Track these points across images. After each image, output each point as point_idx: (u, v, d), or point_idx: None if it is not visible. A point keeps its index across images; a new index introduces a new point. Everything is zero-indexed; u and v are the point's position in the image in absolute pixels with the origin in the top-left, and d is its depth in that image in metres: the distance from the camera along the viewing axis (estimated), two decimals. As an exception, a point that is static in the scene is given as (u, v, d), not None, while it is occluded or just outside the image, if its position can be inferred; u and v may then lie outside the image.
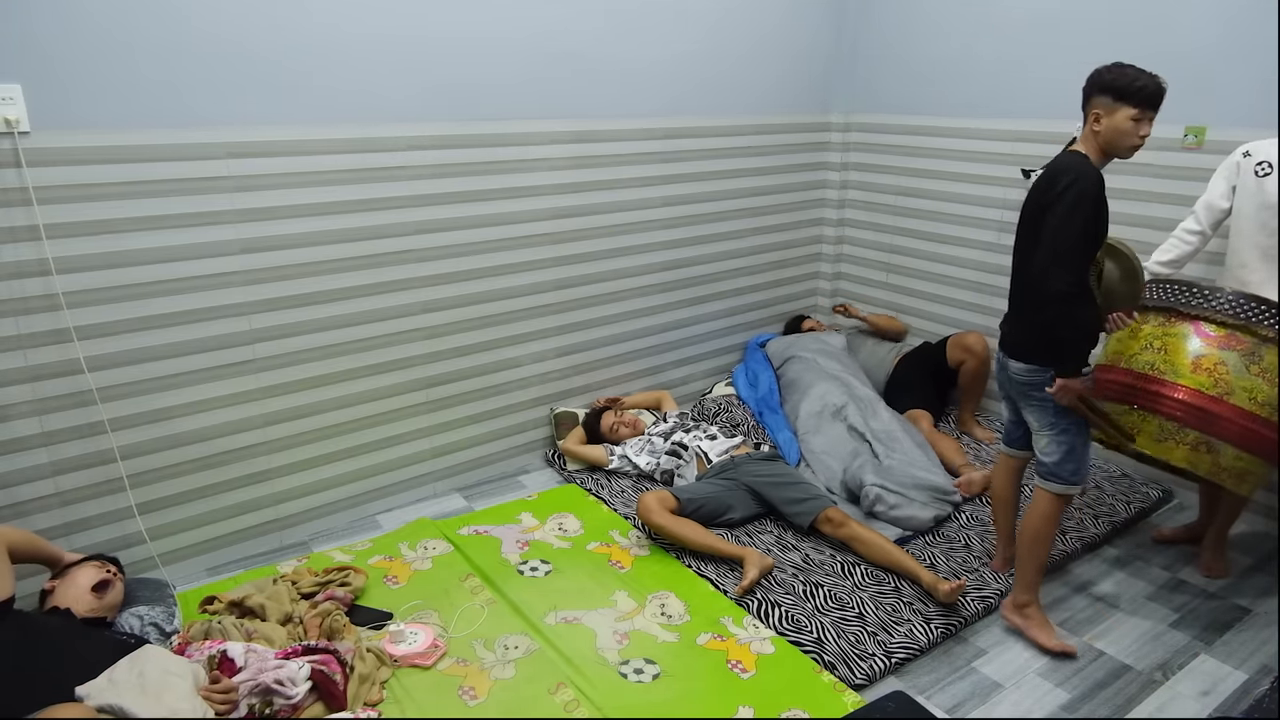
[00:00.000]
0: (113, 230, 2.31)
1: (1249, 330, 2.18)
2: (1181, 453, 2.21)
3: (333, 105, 2.58)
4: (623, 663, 2.20)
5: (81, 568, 2.17)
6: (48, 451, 2.34)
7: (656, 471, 3.12)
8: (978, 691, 2.18)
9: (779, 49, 3.67)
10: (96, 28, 2.17)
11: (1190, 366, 2.20)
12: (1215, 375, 2.17)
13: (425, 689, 2.10)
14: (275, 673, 1.89)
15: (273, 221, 2.55)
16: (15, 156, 2.13)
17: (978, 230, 3.60)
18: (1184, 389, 2.19)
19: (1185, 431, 2.19)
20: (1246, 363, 2.16)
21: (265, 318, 2.60)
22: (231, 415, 2.61)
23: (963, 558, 2.66)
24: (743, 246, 3.84)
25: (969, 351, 3.44)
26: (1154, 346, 2.28)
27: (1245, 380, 2.15)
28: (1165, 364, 2.23)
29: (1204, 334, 2.22)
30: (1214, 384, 2.17)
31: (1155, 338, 2.29)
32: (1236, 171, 2.43)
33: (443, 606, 2.41)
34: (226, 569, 2.67)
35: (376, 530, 2.90)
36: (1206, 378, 2.18)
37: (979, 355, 3.42)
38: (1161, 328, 2.30)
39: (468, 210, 2.93)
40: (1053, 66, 3.22)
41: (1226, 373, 2.16)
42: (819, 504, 2.73)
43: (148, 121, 2.29)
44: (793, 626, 2.34)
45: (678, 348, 3.77)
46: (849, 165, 4.05)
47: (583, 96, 3.12)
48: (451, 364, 3.05)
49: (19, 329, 2.23)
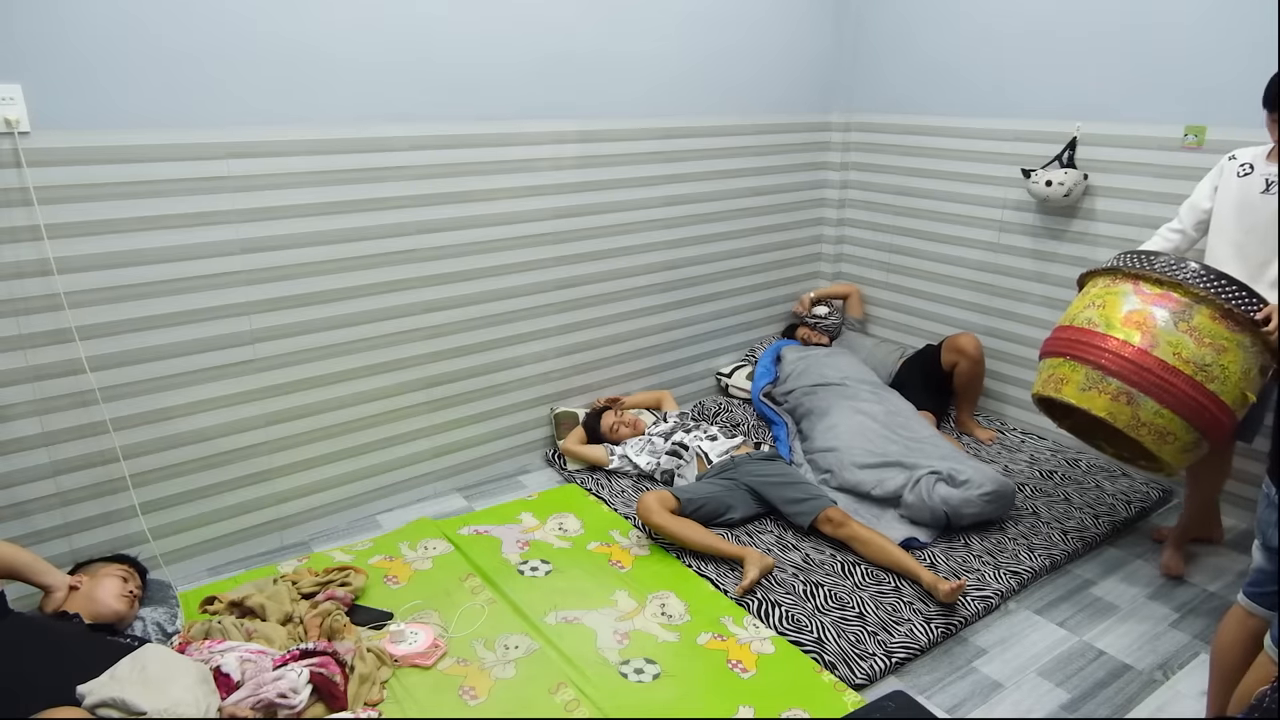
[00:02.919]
0: (113, 230, 2.31)
1: (1183, 289, 2.21)
2: (1103, 402, 2.26)
3: (333, 105, 2.58)
4: (623, 662, 2.21)
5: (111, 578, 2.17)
6: (48, 451, 2.34)
7: (657, 471, 3.12)
8: (978, 691, 2.19)
9: (779, 49, 3.67)
10: (97, 28, 2.17)
11: (1122, 320, 2.27)
12: (1144, 328, 2.23)
13: (426, 689, 2.10)
14: (276, 685, 1.89)
15: (273, 221, 2.55)
16: (15, 156, 2.13)
17: (978, 230, 3.60)
18: (1112, 339, 2.26)
19: (1108, 381, 2.25)
20: (1175, 319, 2.20)
21: (266, 318, 2.60)
22: (232, 415, 2.62)
23: (963, 557, 2.66)
24: (743, 246, 3.84)
25: (961, 353, 3.44)
26: (1095, 304, 2.36)
27: (1171, 335, 2.19)
28: (1101, 318, 2.32)
29: (1141, 292, 2.28)
30: (1141, 336, 2.23)
31: (1098, 296, 2.37)
32: (1220, 173, 2.46)
33: (443, 606, 2.41)
34: (227, 569, 2.68)
35: (377, 530, 2.91)
36: (1135, 330, 2.24)
37: (972, 357, 3.42)
38: (1105, 288, 2.37)
39: (468, 210, 2.93)
40: (1052, 66, 3.22)
41: (1154, 325, 2.22)
42: (819, 504, 2.74)
43: (148, 121, 2.30)
44: (793, 626, 2.34)
45: (678, 348, 3.77)
46: (849, 165, 4.06)
47: (583, 96, 3.12)
48: (452, 364, 3.05)
49: (20, 329, 2.23)
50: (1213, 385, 2.18)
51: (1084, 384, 2.30)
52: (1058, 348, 2.41)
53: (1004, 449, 3.42)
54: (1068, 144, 3.17)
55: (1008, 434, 3.54)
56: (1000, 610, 2.49)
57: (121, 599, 2.15)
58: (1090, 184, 3.16)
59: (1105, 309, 2.32)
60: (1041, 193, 3.17)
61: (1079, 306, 2.42)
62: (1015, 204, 3.45)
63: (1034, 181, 3.19)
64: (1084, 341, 2.32)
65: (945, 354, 3.52)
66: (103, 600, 2.11)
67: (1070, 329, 2.40)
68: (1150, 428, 2.23)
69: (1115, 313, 2.29)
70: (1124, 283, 2.34)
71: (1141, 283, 2.30)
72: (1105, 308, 2.32)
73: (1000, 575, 2.57)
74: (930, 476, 2.79)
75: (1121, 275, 2.36)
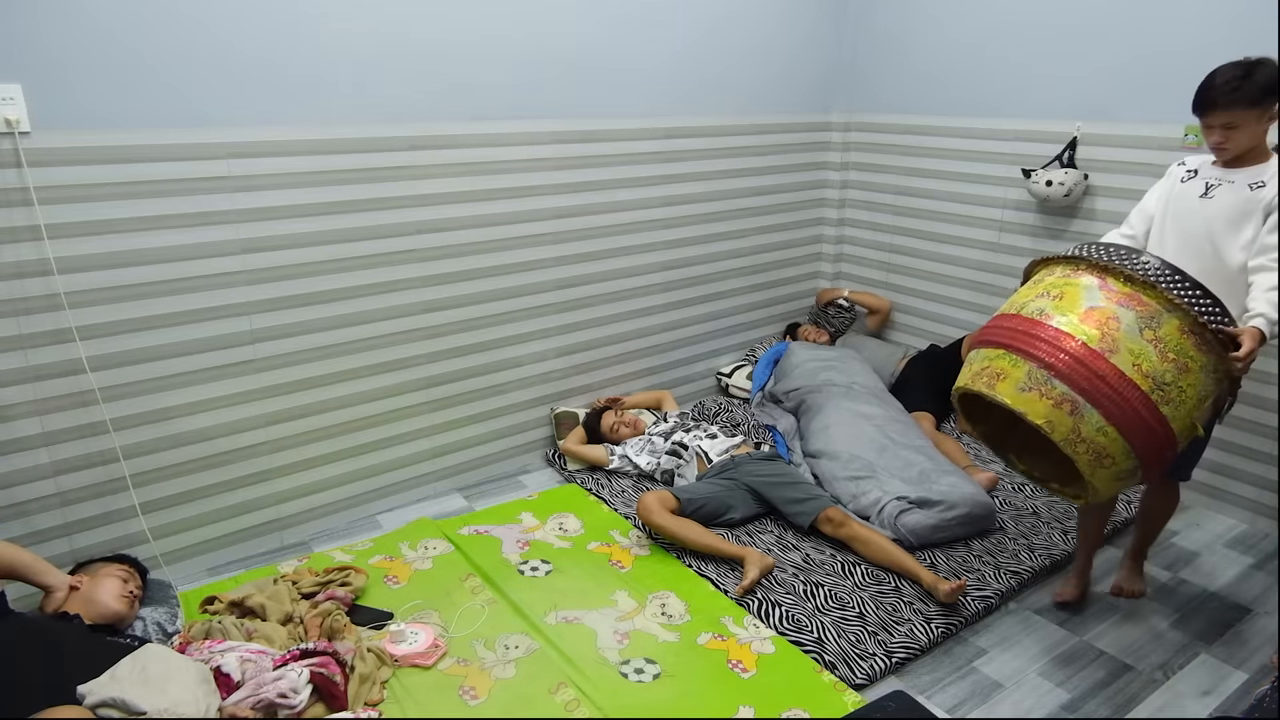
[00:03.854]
0: (114, 230, 2.31)
1: (1155, 292, 1.90)
2: (1043, 407, 1.91)
3: (333, 105, 2.58)
4: (623, 662, 2.21)
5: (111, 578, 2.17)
6: (49, 451, 2.34)
7: (657, 471, 3.12)
8: (978, 691, 2.19)
9: (779, 49, 3.67)
10: (97, 28, 2.17)
11: (1082, 315, 1.93)
12: (1105, 329, 1.89)
13: (426, 689, 2.10)
14: (276, 685, 1.89)
15: (273, 221, 2.55)
16: (15, 156, 2.13)
17: (978, 230, 3.60)
18: (1066, 335, 1.91)
19: (1053, 384, 1.90)
20: (1141, 325, 1.89)
21: (266, 318, 2.60)
22: (232, 415, 2.62)
23: (963, 557, 2.66)
24: (743, 246, 3.84)
25: None
26: (1051, 294, 2.01)
27: (1135, 343, 1.87)
28: (1055, 309, 1.96)
29: (1108, 288, 1.95)
30: (1100, 337, 1.89)
31: (1054, 286, 2.03)
32: (1169, 177, 2.33)
33: (443, 606, 2.41)
34: (227, 569, 2.68)
35: (377, 530, 2.91)
36: (1095, 329, 1.90)
37: None
38: (1064, 277, 2.04)
39: (468, 210, 2.93)
40: (1053, 66, 3.22)
41: (1117, 329, 1.89)
42: (819, 504, 2.74)
43: (148, 121, 2.29)
44: (793, 626, 2.34)
45: (678, 348, 3.77)
46: (849, 165, 4.06)
47: (583, 96, 3.12)
48: (452, 364, 3.05)
49: (20, 329, 2.23)
50: (1166, 408, 1.88)
51: (1024, 383, 1.94)
52: (997, 337, 2.04)
53: (1004, 449, 3.42)
54: (1068, 144, 3.17)
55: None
56: (1000, 610, 2.49)
57: (121, 599, 2.15)
58: (1090, 184, 3.16)
59: (1062, 300, 1.97)
60: (1041, 193, 3.17)
61: (1028, 294, 2.07)
62: (1015, 204, 3.45)
63: (1034, 181, 3.19)
64: (1031, 334, 1.96)
65: (967, 348, 3.52)
66: (103, 600, 2.11)
67: (1015, 318, 2.03)
68: (1089, 445, 1.90)
69: (1074, 306, 1.94)
70: (1088, 274, 2.00)
71: (1109, 277, 1.96)
72: (1062, 299, 1.97)
73: (1000, 575, 2.57)
74: (895, 504, 2.72)
75: (1086, 266, 2.01)
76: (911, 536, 2.66)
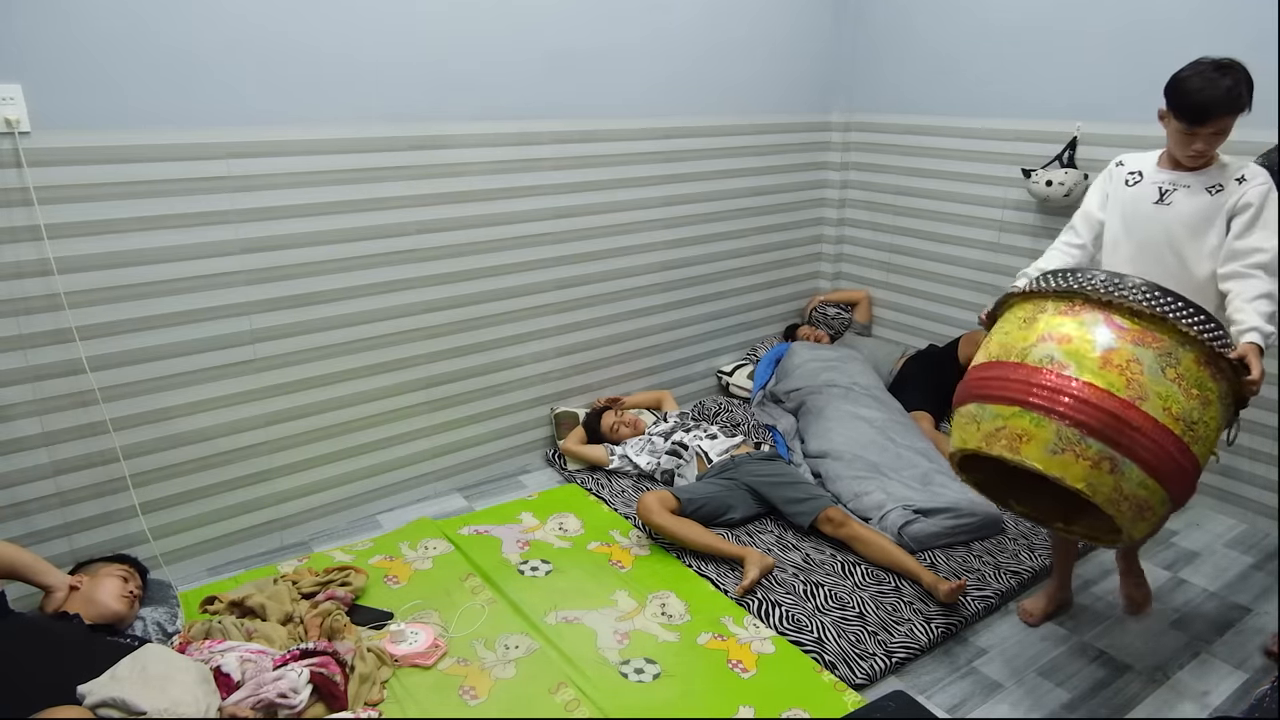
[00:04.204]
0: (114, 230, 2.31)
1: (1166, 325, 1.76)
2: (1080, 470, 1.73)
3: (333, 105, 2.57)
4: (623, 662, 2.21)
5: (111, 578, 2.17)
6: (48, 451, 2.34)
7: (657, 471, 3.12)
8: (978, 691, 2.19)
9: (779, 49, 3.67)
10: (97, 28, 2.17)
11: (1099, 361, 1.75)
12: (1128, 374, 1.73)
13: (426, 689, 2.10)
14: (276, 685, 1.89)
15: (273, 221, 2.55)
16: (15, 156, 2.13)
17: (978, 230, 3.60)
18: (1090, 387, 1.74)
19: (1087, 443, 1.72)
20: (1162, 364, 1.74)
21: (266, 318, 2.60)
22: (232, 415, 2.62)
23: (963, 557, 2.66)
24: (743, 246, 3.84)
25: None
26: (1053, 336, 1.82)
27: (1160, 385, 1.73)
28: (1067, 355, 1.78)
29: (1115, 325, 1.79)
30: (1126, 384, 1.73)
31: (1054, 326, 1.84)
32: (1109, 180, 2.23)
33: (443, 606, 2.41)
34: (227, 569, 2.68)
35: (377, 530, 2.91)
36: (1118, 376, 1.73)
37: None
38: (1062, 315, 1.85)
39: (468, 210, 2.93)
40: (1053, 66, 3.22)
41: (1140, 372, 1.73)
42: (819, 504, 2.74)
43: (148, 121, 2.29)
44: (793, 626, 2.34)
45: (678, 347, 3.77)
46: (849, 165, 4.06)
47: (583, 96, 3.12)
48: (452, 364, 3.05)
49: (20, 329, 2.23)
50: (1196, 446, 1.76)
51: (1054, 444, 1.75)
52: (1008, 392, 1.82)
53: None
54: (1068, 144, 3.17)
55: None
56: (1000, 610, 2.49)
57: (122, 599, 2.15)
58: (1090, 184, 3.15)
59: (1071, 345, 1.79)
60: (1041, 193, 3.17)
61: (1023, 337, 1.87)
62: (1015, 204, 3.45)
63: (1034, 181, 3.19)
64: (1049, 387, 1.77)
65: (964, 347, 3.53)
66: (103, 600, 2.11)
67: (1021, 368, 1.82)
68: (1132, 502, 1.76)
69: (1086, 350, 1.77)
70: (1089, 311, 1.82)
71: (1115, 313, 1.79)
72: (1071, 343, 1.79)
73: (1000, 575, 2.57)
74: (900, 513, 2.70)
75: (1082, 301, 1.84)
76: (914, 544, 2.66)
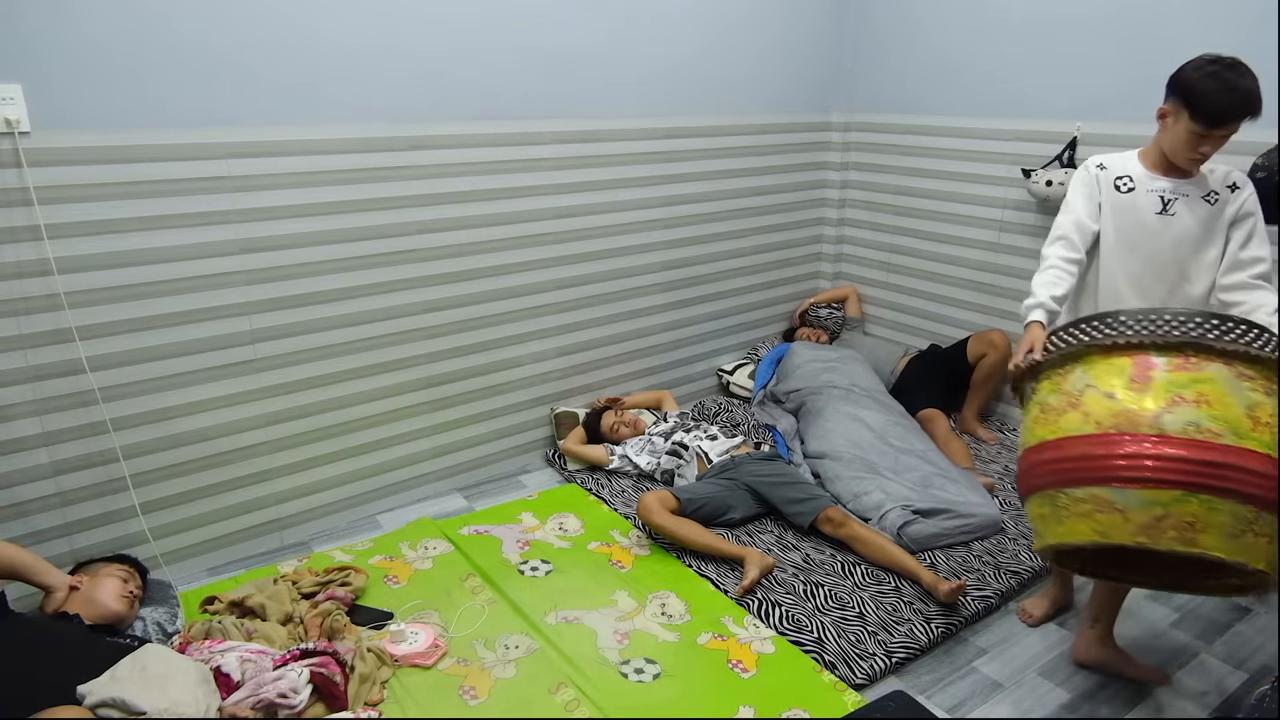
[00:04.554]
0: (113, 230, 2.31)
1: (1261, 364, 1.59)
2: (1262, 549, 1.55)
3: (333, 105, 2.57)
4: (623, 662, 2.21)
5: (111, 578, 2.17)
6: (48, 451, 2.34)
7: (657, 471, 3.12)
8: (978, 691, 2.19)
9: (779, 49, 3.67)
10: (97, 28, 2.17)
11: (1250, 424, 1.53)
12: (1272, 429, 1.55)
13: (426, 689, 2.10)
14: (276, 685, 1.89)
15: (273, 221, 2.55)
16: (15, 156, 2.13)
17: (978, 230, 3.60)
18: (1253, 454, 1.52)
19: (1264, 519, 1.53)
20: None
21: (266, 318, 2.60)
22: (232, 415, 2.62)
23: (963, 557, 2.66)
24: (743, 246, 3.84)
25: (992, 345, 3.45)
26: (1186, 399, 1.57)
27: None
28: (1218, 423, 1.54)
29: (1243, 375, 1.59)
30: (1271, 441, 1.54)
31: (1182, 387, 1.59)
32: (1096, 186, 2.08)
33: (443, 606, 2.41)
34: (227, 569, 2.68)
35: (377, 530, 2.91)
36: (1269, 435, 1.54)
37: (1001, 349, 3.42)
38: (1184, 372, 1.61)
39: (468, 210, 2.93)
40: (1053, 66, 3.22)
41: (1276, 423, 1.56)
42: (819, 504, 2.74)
43: (148, 121, 2.29)
44: (793, 626, 2.34)
45: (678, 347, 3.77)
46: (849, 165, 4.06)
47: (583, 96, 3.12)
48: (452, 364, 3.05)
49: (20, 329, 2.23)
50: None
51: (1232, 528, 1.53)
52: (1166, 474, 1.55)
53: (1005, 449, 3.42)
54: (1068, 144, 3.17)
55: (1008, 435, 3.54)
56: (1000, 610, 2.49)
57: (121, 599, 2.15)
58: None
59: (1214, 407, 1.55)
60: (1041, 193, 3.17)
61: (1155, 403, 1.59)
62: (1015, 204, 3.45)
63: (1034, 181, 3.19)
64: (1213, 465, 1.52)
65: (974, 345, 3.53)
66: (103, 601, 2.11)
67: (1166, 441, 1.56)
68: None
69: (1233, 413, 1.54)
70: (1212, 363, 1.60)
71: (1236, 363, 1.60)
72: (1212, 405, 1.55)
73: (1000, 575, 2.57)
74: (899, 513, 2.70)
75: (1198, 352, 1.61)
76: (914, 545, 2.66)
